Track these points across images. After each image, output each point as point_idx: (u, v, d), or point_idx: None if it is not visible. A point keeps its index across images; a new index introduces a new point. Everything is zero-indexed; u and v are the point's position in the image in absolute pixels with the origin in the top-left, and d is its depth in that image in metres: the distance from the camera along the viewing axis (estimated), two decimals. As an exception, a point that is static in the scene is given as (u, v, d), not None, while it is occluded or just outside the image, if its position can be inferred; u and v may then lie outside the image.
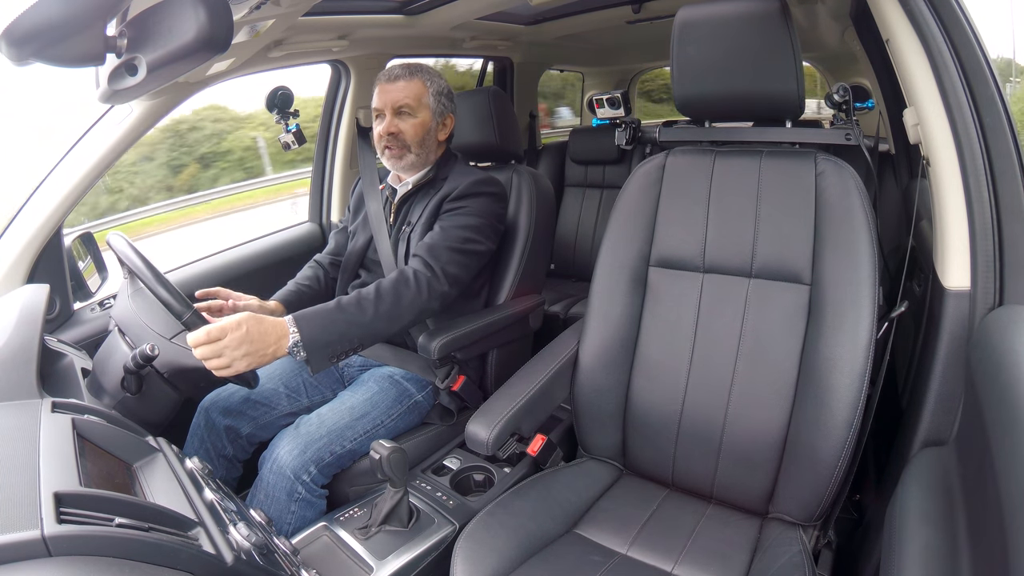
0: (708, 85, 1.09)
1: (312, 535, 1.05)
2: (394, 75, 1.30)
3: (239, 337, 0.95)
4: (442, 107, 1.34)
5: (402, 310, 1.15)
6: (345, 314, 1.09)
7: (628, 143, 2.46)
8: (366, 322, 1.10)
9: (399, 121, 1.30)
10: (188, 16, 0.65)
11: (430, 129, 1.32)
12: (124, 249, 1.03)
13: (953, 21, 0.84)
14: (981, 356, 0.75)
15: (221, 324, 0.96)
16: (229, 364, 0.96)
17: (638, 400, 1.15)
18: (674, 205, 1.15)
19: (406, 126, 1.30)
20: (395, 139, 1.30)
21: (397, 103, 1.29)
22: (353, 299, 1.12)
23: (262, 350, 0.99)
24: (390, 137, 1.30)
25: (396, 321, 1.15)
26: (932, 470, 0.82)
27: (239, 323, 0.97)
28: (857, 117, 1.15)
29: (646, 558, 0.98)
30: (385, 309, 1.13)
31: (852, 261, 0.96)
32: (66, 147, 1.24)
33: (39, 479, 0.55)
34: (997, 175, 0.84)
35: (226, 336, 0.95)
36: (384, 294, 1.14)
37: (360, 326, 1.10)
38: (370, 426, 1.21)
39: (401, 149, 1.31)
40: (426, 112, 1.31)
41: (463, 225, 1.27)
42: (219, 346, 0.94)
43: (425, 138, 1.32)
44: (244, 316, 0.98)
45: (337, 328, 1.07)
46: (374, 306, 1.12)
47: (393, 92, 1.29)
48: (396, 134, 1.30)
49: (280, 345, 1.01)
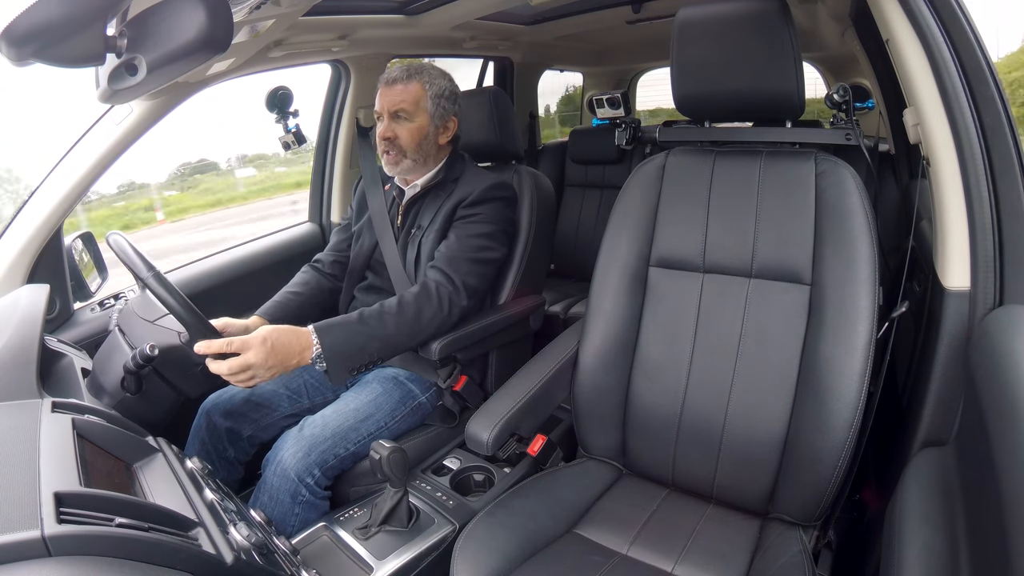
0: (708, 85, 1.09)
1: (312, 535, 1.05)
2: (392, 78, 1.29)
3: (265, 351, 0.98)
4: (442, 110, 1.31)
5: (423, 324, 1.17)
6: (366, 327, 1.11)
7: (628, 143, 2.46)
8: (386, 335, 1.12)
9: (395, 125, 1.28)
10: (188, 16, 0.65)
11: (427, 134, 1.30)
12: (123, 247, 1.03)
13: (953, 21, 0.84)
14: (981, 356, 0.75)
15: (244, 339, 0.98)
16: (253, 376, 0.99)
17: (638, 400, 1.15)
18: (674, 205, 1.15)
19: (402, 131, 1.28)
20: (391, 143, 1.29)
21: (393, 107, 1.27)
22: (375, 312, 1.14)
23: (286, 362, 1.02)
24: (386, 142, 1.29)
25: (416, 335, 1.17)
26: (932, 470, 0.82)
27: (264, 338, 0.99)
28: (857, 117, 1.15)
29: (646, 558, 0.98)
30: (406, 323, 1.15)
31: (852, 261, 0.96)
32: (66, 147, 1.24)
33: (39, 479, 0.55)
34: (997, 175, 0.84)
35: (251, 351, 0.97)
36: (406, 308, 1.16)
37: (380, 339, 1.12)
38: (374, 428, 1.21)
39: (397, 154, 1.29)
40: (423, 116, 1.29)
41: (479, 233, 1.27)
42: (243, 360, 0.97)
43: (422, 143, 1.30)
44: (268, 330, 1.01)
45: (358, 341, 1.09)
46: (395, 320, 1.14)
47: (390, 95, 1.28)
48: (392, 139, 1.28)
49: (304, 356, 1.05)
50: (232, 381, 0.99)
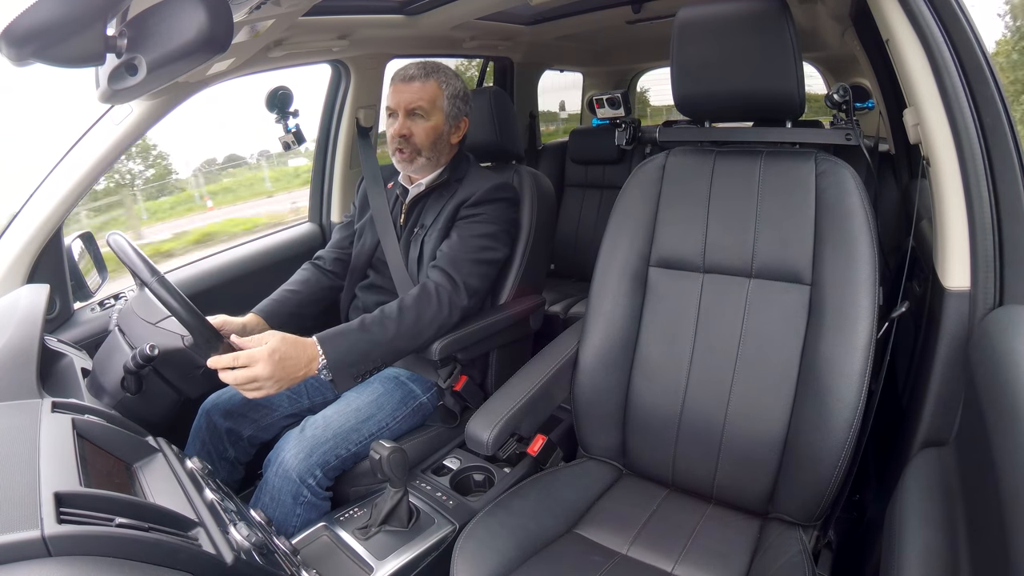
0: (708, 85, 1.09)
1: (312, 535, 1.05)
2: (409, 75, 1.28)
3: (272, 365, 0.99)
4: (456, 110, 1.31)
5: (423, 327, 1.18)
6: (369, 334, 1.12)
7: (628, 143, 2.46)
8: (388, 341, 1.13)
9: (411, 123, 1.28)
10: (188, 16, 0.65)
11: (442, 133, 1.30)
12: (125, 249, 1.02)
13: (953, 21, 0.84)
14: (981, 356, 0.75)
15: (251, 352, 0.99)
16: (260, 388, 1.00)
17: (638, 400, 1.15)
18: (674, 205, 1.15)
19: (418, 129, 1.28)
20: (406, 141, 1.28)
21: (410, 104, 1.27)
22: (376, 318, 1.14)
23: (292, 374, 1.03)
24: (401, 139, 1.28)
25: (417, 338, 1.18)
26: (932, 470, 0.82)
27: (272, 351, 1.00)
28: (857, 117, 1.15)
29: (646, 558, 0.98)
30: (407, 327, 1.15)
31: (852, 261, 0.96)
32: (66, 147, 1.24)
33: (39, 479, 0.55)
34: (997, 175, 0.84)
35: (258, 364, 0.98)
36: (406, 312, 1.16)
37: (383, 345, 1.12)
38: (375, 428, 1.21)
39: (412, 152, 1.29)
40: (439, 115, 1.29)
41: (481, 233, 1.27)
42: (251, 373, 0.98)
43: (437, 141, 1.30)
44: (277, 342, 1.01)
45: (361, 348, 1.10)
46: (396, 324, 1.14)
47: (407, 93, 1.27)
48: (407, 136, 1.28)
49: (310, 368, 1.06)
50: (239, 391, 1.00)
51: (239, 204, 5.22)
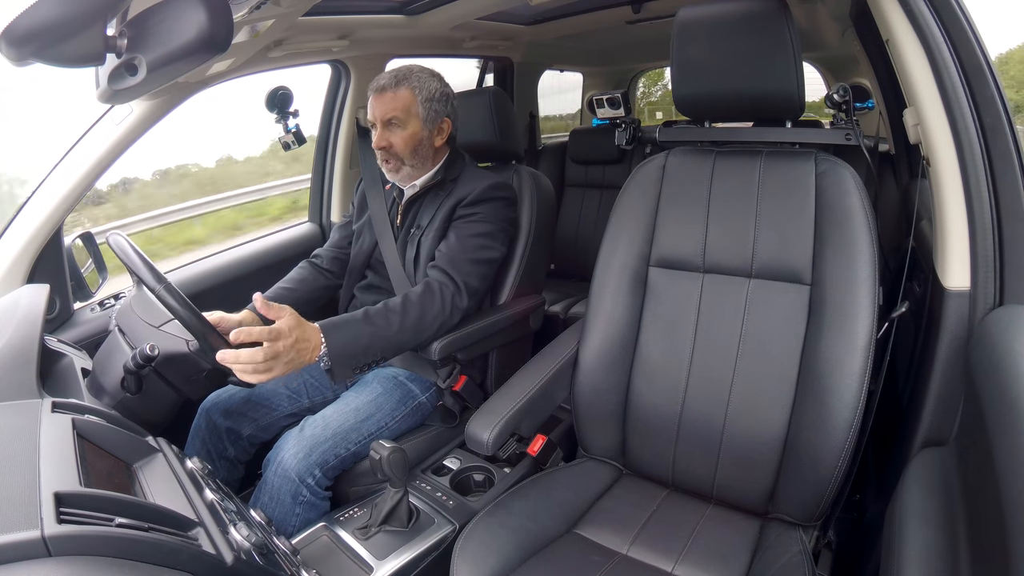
0: (708, 85, 1.09)
1: (312, 535, 1.05)
2: (381, 86, 1.28)
3: (290, 343, 0.99)
4: (434, 113, 1.30)
5: (426, 324, 1.18)
6: (372, 326, 1.11)
7: (628, 143, 2.46)
8: (391, 335, 1.13)
9: (389, 134, 1.28)
10: (188, 16, 0.65)
11: (422, 139, 1.30)
12: (125, 249, 1.02)
13: (953, 21, 0.84)
14: (981, 356, 0.75)
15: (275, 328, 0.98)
16: (269, 369, 0.98)
17: (638, 400, 1.15)
18: (674, 205, 1.15)
19: (396, 139, 1.28)
20: (388, 152, 1.29)
21: (385, 115, 1.27)
22: (380, 310, 1.14)
23: (302, 357, 1.02)
24: (382, 151, 1.29)
25: (420, 335, 1.18)
26: (932, 470, 0.82)
27: (292, 327, 1.00)
28: (857, 117, 1.15)
29: (646, 558, 0.98)
30: (410, 323, 1.15)
31: (852, 261, 0.96)
32: (66, 147, 1.24)
33: (39, 479, 0.55)
34: (997, 175, 0.84)
35: (280, 341, 0.98)
36: (410, 308, 1.16)
37: (384, 339, 1.12)
38: (374, 428, 1.21)
39: (396, 162, 1.30)
40: (416, 122, 1.28)
41: (478, 233, 1.27)
42: (274, 348, 0.97)
43: (417, 148, 1.30)
44: (293, 322, 1.00)
45: (362, 340, 1.09)
46: (400, 320, 1.14)
47: (380, 104, 1.28)
48: (387, 147, 1.28)
49: (314, 354, 1.05)
50: (242, 374, 0.97)
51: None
